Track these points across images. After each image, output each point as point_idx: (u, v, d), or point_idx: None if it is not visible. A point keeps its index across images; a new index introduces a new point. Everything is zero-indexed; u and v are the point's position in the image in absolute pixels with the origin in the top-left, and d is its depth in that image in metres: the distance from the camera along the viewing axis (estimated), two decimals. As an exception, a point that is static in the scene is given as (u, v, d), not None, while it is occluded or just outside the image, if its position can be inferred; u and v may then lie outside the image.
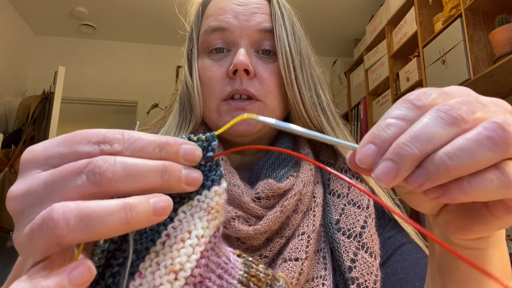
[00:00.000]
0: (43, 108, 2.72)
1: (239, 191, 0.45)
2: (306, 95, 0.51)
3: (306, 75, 0.52)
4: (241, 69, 0.47)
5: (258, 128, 0.49)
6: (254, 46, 0.51)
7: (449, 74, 1.87)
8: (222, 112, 0.50)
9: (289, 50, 0.50)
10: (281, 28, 0.50)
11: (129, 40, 3.39)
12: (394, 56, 2.48)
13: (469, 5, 1.76)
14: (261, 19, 0.50)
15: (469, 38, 1.76)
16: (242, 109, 0.48)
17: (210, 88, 0.50)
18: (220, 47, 0.51)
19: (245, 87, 0.48)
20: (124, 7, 2.93)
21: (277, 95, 0.50)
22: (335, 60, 3.52)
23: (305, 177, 0.48)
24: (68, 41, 3.35)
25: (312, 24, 3.15)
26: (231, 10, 0.51)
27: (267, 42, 0.50)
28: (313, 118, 0.51)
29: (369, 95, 2.80)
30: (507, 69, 1.61)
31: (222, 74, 0.50)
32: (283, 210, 0.45)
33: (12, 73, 3.02)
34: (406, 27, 2.32)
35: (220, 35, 0.50)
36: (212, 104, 0.50)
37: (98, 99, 3.33)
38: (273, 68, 0.50)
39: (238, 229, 0.44)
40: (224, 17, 0.50)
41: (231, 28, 0.50)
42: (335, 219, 0.48)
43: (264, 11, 0.51)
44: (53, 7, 2.94)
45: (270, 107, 0.50)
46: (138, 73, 3.35)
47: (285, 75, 0.49)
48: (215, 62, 0.51)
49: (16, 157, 2.52)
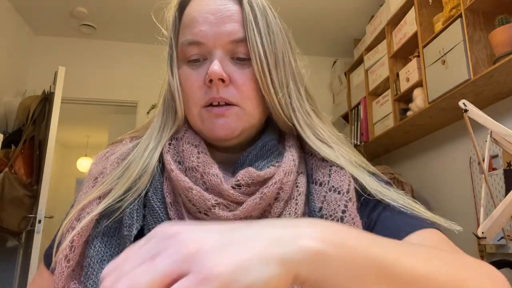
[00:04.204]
0: (43, 108, 2.73)
1: (218, 180, 0.48)
2: (282, 97, 0.53)
3: (281, 75, 0.53)
4: (215, 79, 0.49)
5: (238, 133, 0.52)
6: (229, 54, 0.52)
7: (449, 74, 1.87)
8: (204, 119, 0.52)
9: (263, 54, 0.51)
10: (253, 34, 0.51)
11: (129, 40, 3.39)
12: (394, 56, 2.48)
13: (469, 5, 1.76)
14: (233, 29, 0.51)
15: (469, 38, 1.76)
16: (221, 115, 0.50)
17: (190, 96, 0.52)
18: (197, 58, 0.53)
19: (221, 95, 0.50)
20: (124, 7, 2.93)
21: (254, 99, 0.52)
22: (335, 60, 3.52)
23: (286, 167, 0.50)
24: (68, 41, 3.35)
25: (312, 24, 3.15)
26: (204, 21, 0.52)
27: (241, 49, 0.52)
28: (288, 117, 0.54)
29: (369, 95, 2.80)
30: (507, 69, 1.61)
31: (200, 83, 0.52)
32: (262, 197, 0.47)
33: (12, 73, 3.02)
34: (406, 27, 2.32)
35: (196, 48, 0.52)
36: (194, 111, 0.53)
37: (98, 99, 3.33)
38: (249, 73, 0.52)
39: (218, 215, 0.46)
40: (198, 30, 0.52)
41: (206, 41, 0.51)
42: (318, 207, 0.50)
43: (236, 18, 0.52)
44: (53, 7, 2.94)
45: (248, 111, 0.52)
46: (138, 73, 3.35)
47: (260, 80, 0.51)
48: (193, 71, 0.53)
49: (16, 157, 2.52)
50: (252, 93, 0.52)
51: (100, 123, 5.17)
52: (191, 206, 0.48)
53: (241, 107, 0.51)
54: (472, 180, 2.06)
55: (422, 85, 2.12)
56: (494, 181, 1.84)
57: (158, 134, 0.56)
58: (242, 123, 0.52)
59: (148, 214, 0.49)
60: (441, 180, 2.35)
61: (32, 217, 2.49)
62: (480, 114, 1.26)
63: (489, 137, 1.27)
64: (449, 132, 2.31)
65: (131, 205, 0.49)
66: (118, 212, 0.49)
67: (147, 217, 0.49)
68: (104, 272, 0.27)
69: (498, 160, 1.84)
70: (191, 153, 0.51)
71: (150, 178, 0.52)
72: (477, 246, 1.98)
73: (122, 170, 0.53)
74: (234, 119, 0.51)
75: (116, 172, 0.53)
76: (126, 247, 0.47)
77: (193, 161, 0.50)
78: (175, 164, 0.51)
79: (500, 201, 1.18)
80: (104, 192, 0.51)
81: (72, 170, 6.20)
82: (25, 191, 2.49)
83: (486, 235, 1.17)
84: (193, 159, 0.50)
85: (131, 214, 0.49)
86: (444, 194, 2.32)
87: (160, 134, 0.56)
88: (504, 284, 0.37)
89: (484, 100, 1.90)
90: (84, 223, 0.48)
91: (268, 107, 0.53)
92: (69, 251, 0.47)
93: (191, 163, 0.50)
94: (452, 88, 1.83)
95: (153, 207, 0.49)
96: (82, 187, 0.54)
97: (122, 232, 0.48)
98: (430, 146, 2.50)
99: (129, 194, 0.50)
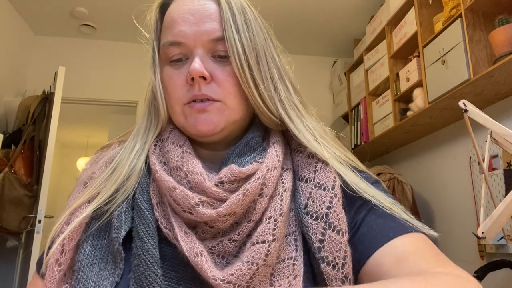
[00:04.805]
0: (43, 108, 2.73)
1: (201, 178, 0.48)
2: (265, 91, 0.54)
3: (264, 70, 0.54)
4: (196, 76, 0.51)
5: (220, 128, 0.53)
6: (209, 52, 0.53)
7: (449, 74, 1.87)
8: (186, 115, 0.53)
9: (242, 51, 0.52)
10: (231, 32, 0.52)
11: (129, 40, 3.39)
12: (394, 56, 2.48)
13: (469, 5, 1.76)
14: (211, 28, 0.53)
15: (469, 38, 1.76)
16: (203, 110, 0.52)
17: (173, 95, 0.54)
18: (178, 58, 0.54)
19: (203, 92, 0.52)
20: (124, 7, 2.93)
21: (236, 95, 0.53)
22: (335, 60, 3.52)
23: (269, 163, 0.51)
24: (68, 41, 3.35)
25: (312, 24, 3.15)
26: (184, 21, 0.53)
27: (220, 47, 0.53)
28: (273, 111, 0.54)
29: (369, 95, 2.80)
30: (507, 69, 1.61)
31: (182, 82, 0.53)
32: (245, 193, 0.47)
33: (12, 73, 3.02)
34: (406, 27, 2.32)
35: (177, 48, 0.54)
36: (177, 109, 0.54)
37: (98, 99, 3.33)
38: (230, 70, 0.53)
39: (202, 213, 0.46)
40: (178, 30, 0.53)
41: (186, 41, 0.53)
42: (303, 203, 0.50)
43: (214, 17, 0.53)
44: (53, 7, 2.95)
45: (230, 106, 0.53)
46: (138, 73, 3.35)
47: (240, 76, 0.52)
48: (175, 70, 0.54)
49: (16, 157, 2.52)
50: (234, 89, 0.53)
51: (100, 123, 5.18)
52: (176, 206, 0.48)
53: (223, 102, 0.52)
54: (472, 180, 2.06)
55: (422, 85, 2.12)
56: (494, 181, 1.84)
57: (144, 135, 0.57)
58: (225, 117, 0.53)
59: (136, 216, 0.49)
60: (441, 180, 2.35)
61: (32, 217, 2.49)
62: (480, 114, 1.26)
63: (489, 137, 1.27)
64: (449, 132, 2.31)
65: (119, 207, 0.50)
66: (107, 214, 0.50)
67: (135, 219, 0.49)
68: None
69: (498, 160, 1.84)
70: (175, 153, 0.52)
71: (138, 180, 0.52)
72: (477, 246, 1.98)
73: (109, 172, 0.54)
74: (216, 114, 0.52)
75: (103, 174, 0.54)
76: (115, 250, 0.47)
77: (177, 161, 0.51)
78: (160, 164, 0.52)
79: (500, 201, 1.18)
80: (93, 195, 0.52)
81: (72, 170, 6.20)
82: (25, 191, 2.49)
83: (486, 235, 1.17)
84: (177, 158, 0.51)
85: (119, 216, 0.49)
86: (444, 194, 2.32)
87: (146, 135, 0.57)
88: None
89: (484, 100, 1.90)
90: (73, 225, 0.49)
91: (251, 103, 0.54)
92: (60, 255, 0.48)
93: (176, 163, 0.51)
94: (452, 88, 1.83)
95: (141, 209, 0.49)
96: (72, 192, 0.56)
97: (111, 234, 0.49)
98: (430, 146, 2.50)
99: (118, 195, 0.51)
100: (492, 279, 1.70)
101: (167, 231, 0.48)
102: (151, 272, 0.44)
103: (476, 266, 1.70)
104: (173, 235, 0.47)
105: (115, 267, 0.47)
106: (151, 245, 0.46)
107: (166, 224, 0.49)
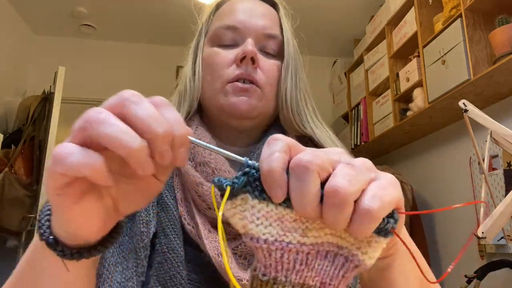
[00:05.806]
0: (43, 108, 2.72)
1: (229, 176, 0.49)
2: (299, 92, 0.58)
3: (300, 77, 0.60)
4: (248, 57, 0.54)
5: (256, 113, 0.55)
6: (259, 45, 0.57)
7: (449, 74, 1.87)
8: (228, 93, 0.55)
9: (293, 53, 0.58)
10: (288, 33, 0.59)
11: (129, 40, 3.39)
12: (394, 56, 2.48)
13: (469, 5, 1.76)
14: (268, 24, 0.58)
15: (469, 38, 1.76)
16: (246, 91, 0.54)
17: (217, 71, 0.56)
18: (229, 44, 0.57)
19: (250, 73, 0.54)
20: (124, 7, 2.93)
21: (274, 87, 0.57)
22: (335, 60, 3.52)
23: None
24: (68, 41, 3.35)
25: (312, 24, 3.15)
26: (243, 12, 0.58)
27: (271, 45, 0.58)
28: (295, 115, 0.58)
29: (369, 95, 2.80)
30: (507, 69, 1.61)
31: (230, 60, 0.56)
32: None
33: (12, 73, 3.02)
34: (406, 27, 2.32)
35: (231, 33, 0.57)
36: (218, 86, 0.55)
37: (98, 99, 3.27)
38: (274, 64, 0.57)
39: None
40: (236, 17, 0.58)
41: (242, 27, 0.57)
42: None
43: (271, 17, 0.59)
44: (53, 7, 2.94)
45: (267, 97, 0.56)
46: (138, 73, 3.35)
47: (284, 73, 0.57)
48: (224, 50, 0.57)
49: (16, 157, 2.52)
50: (275, 81, 0.57)
51: (100, 123, 5.17)
52: (201, 203, 0.48)
53: (263, 91, 0.55)
54: (472, 180, 2.06)
55: (422, 85, 2.11)
56: (494, 181, 1.84)
57: None
58: (261, 105, 0.55)
59: (161, 211, 0.49)
60: (441, 180, 2.35)
61: (32, 217, 2.49)
62: (480, 114, 1.26)
63: (489, 137, 1.27)
64: (449, 132, 2.31)
65: None
66: None
67: (160, 214, 0.49)
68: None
69: (498, 160, 1.84)
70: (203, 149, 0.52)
71: None
72: (477, 246, 1.98)
73: None
74: (255, 99, 0.54)
75: None
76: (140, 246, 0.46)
77: (205, 157, 0.51)
78: None
79: (500, 201, 1.18)
80: None
81: (72, 170, 6.19)
82: (25, 191, 2.49)
83: (486, 235, 1.17)
84: (205, 154, 0.51)
85: (147, 210, 0.48)
86: (444, 194, 2.32)
87: None
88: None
89: (484, 100, 1.89)
90: None
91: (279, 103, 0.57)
92: None
93: (203, 159, 0.51)
94: (452, 88, 1.83)
95: (167, 204, 0.49)
96: None
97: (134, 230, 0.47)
98: (430, 146, 2.50)
99: None
100: (492, 279, 1.69)
101: (190, 228, 0.48)
102: (175, 273, 0.43)
103: (476, 266, 1.70)
104: (197, 232, 0.47)
105: (137, 264, 0.45)
106: (177, 243, 0.46)
107: (190, 221, 0.48)
